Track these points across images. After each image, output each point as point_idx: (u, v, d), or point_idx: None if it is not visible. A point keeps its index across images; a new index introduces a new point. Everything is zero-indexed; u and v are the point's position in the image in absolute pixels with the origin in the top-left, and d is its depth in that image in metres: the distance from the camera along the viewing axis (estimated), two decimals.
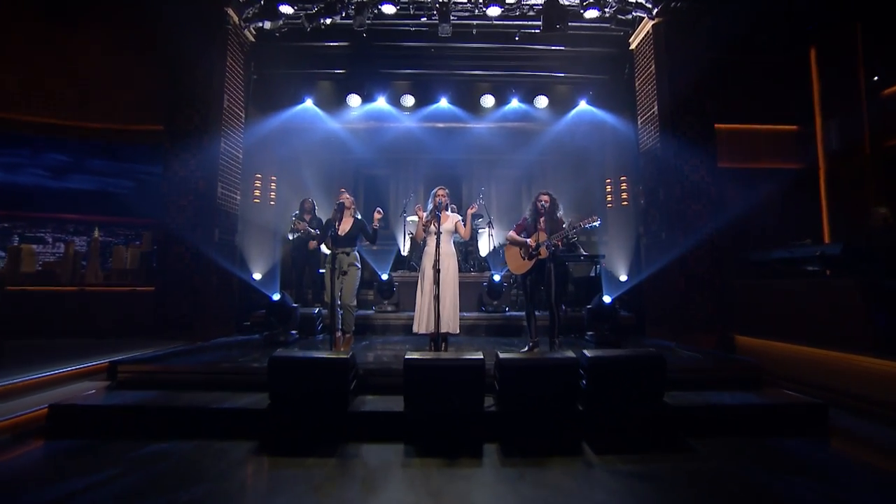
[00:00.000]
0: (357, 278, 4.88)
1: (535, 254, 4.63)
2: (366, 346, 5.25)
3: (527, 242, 4.66)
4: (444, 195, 4.75)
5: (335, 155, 9.26)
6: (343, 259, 4.79)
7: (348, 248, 4.83)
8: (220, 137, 5.83)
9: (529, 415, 3.47)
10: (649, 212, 6.34)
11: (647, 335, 6.12)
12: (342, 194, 5.02)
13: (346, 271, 4.81)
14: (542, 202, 4.70)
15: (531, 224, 4.76)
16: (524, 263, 4.69)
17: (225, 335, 5.83)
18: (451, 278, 4.61)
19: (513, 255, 4.79)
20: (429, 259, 4.63)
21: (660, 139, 6.05)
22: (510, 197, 9.61)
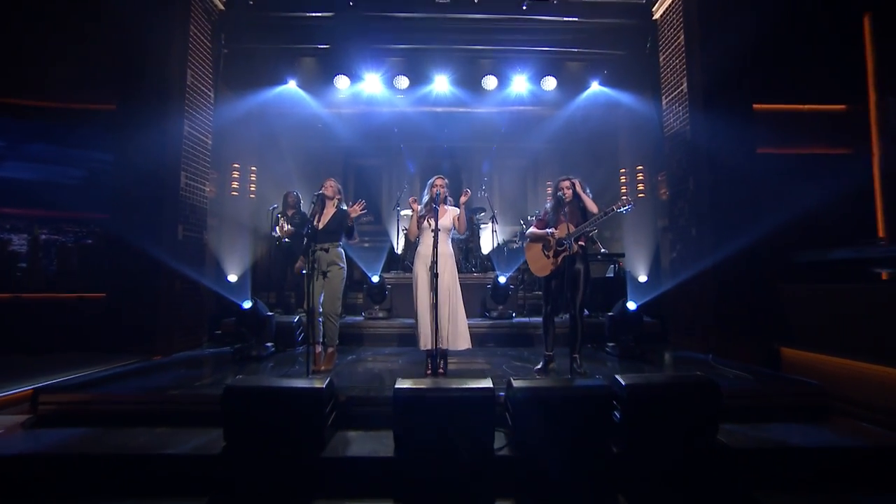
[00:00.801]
0: (341, 280, 4.21)
1: (561, 250, 3.96)
2: (352, 362, 4.58)
3: (548, 235, 3.99)
4: (442, 185, 4.08)
5: (322, 142, 8.54)
6: (322, 257, 4.13)
7: (328, 244, 4.16)
8: (182, 119, 5.11)
9: (551, 460, 2.81)
10: (676, 204, 5.66)
11: (674, 345, 5.46)
12: (326, 182, 4.32)
13: (327, 272, 4.13)
14: (562, 189, 4.03)
15: (553, 216, 4.11)
16: (549, 262, 4.03)
17: (191, 347, 5.15)
18: (450, 283, 3.94)
19: (535, 254, 4.13)
20: (423, 261, 3.95)
21: (689, 121, 5.35)
22: (515, 188, 8.93)
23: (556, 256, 4.01)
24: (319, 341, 4.21)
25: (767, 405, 3.33)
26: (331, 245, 4.20)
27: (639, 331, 4.84)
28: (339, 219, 4.26)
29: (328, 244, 4.18)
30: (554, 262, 4.01)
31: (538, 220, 4.20)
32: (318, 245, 4.15)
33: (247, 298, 4.72)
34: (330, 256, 4.17)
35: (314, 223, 4.18)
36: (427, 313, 3.86)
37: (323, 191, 4.26)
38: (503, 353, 5.13)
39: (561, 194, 4.05)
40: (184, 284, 5.05)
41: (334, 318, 4.21)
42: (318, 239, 4.16)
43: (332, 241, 4.22)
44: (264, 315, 4.81)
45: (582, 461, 2.82)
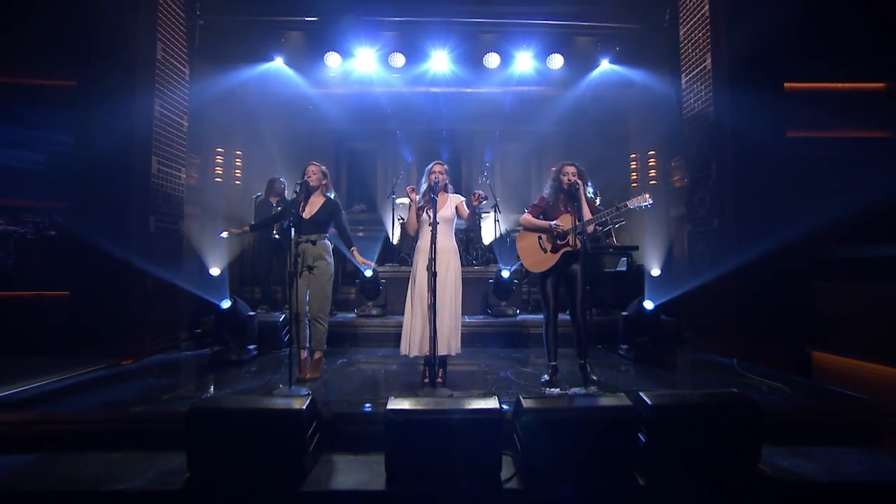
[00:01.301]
0: (330, 277, 3.83)
1: (562, 245, 3.55)
2: (341, 367, 4.21)
3: (552, 226, 3.58)
4: (441, 172, 3.66)
5: (312, 125, 8.05)
6: (308, 250, 3.74)
7: (314, 235, 3.76)
8: (152, 98, 4.64)
9: (567, 492, 2.45)
10: (696, 193, 5.24)
11: (692, 345, 5.10)
12: (308, 168, 3.89)
13: (314, 267, 3.73)
14: (567, 175, 3.63)
15: (553, 204, 3.70)
16: (546, 258, 3.63)
17: (166, 350, 4.76)
18: (451, 283, 3.55)
19: (530, 247, 3.72)
20: (422, 257, 3.57)
21: (713, 101, 4.91)
22: (519, 174, 8.47)
23: (555, 252, 3.61)
24: (305, 346, 3.83)
25: (809, 423, 2.96)
26: (318, 237, 3.79)
27: (656, 332, 4.46)
28: (329, 210, 3.85)
29: (315, 235, 3.78)
30: (552, 257, 3.60)
31: (534, 206, 3.80)
32: (303, 237, 3.74)
33: (225, 297, 4.31)
34: (317, 250, 3.77)
35: (299, 212, 3.77)
36: (419, 315, 3.49)
37: (306, 178, 3.82)
38: (507, 355, 4.76)
39: (566, 179, 3.63)
40: (157, 281, 4.64)
41: (323, 321, 3.83)
42: (304, 230, 3.76)
43: (320, 231, 3.82)
44: (245, 315, 4.42)
45: (604, 494, 2.46)
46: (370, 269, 5.59)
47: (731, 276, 4.62)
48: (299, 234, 3.74)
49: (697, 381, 3.68)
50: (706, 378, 3.82)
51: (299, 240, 3.74)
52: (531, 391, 3.43)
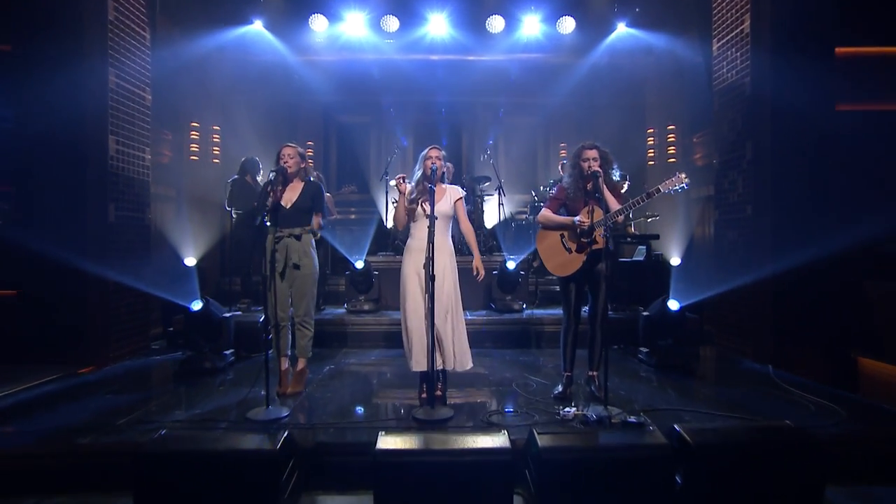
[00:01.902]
0: (314, 275, 3.44)
1: (588, 242, 3.14)
2: (328, 377, 3.83)
3: (574, 223, 3.15)
4: (438, 157, 3.21)
5: (297, 97, 7.50)
6: (292, 246, 3.33)
7: (298, 229, 3.35)
8: (106, 67, 4.12)
9: None
10: (726, 175, 4.78)
11: (719, 345, 4.74)
12: (283, 151, 3.42)
13: (299, 265, 3.32)
14: (587, 160, 3.18)
15: (574, 195, 3.26)
16: (572, 259, 3.22)
17: (133, 354, 4.39)
18: (451, 287, 3.15)
19: (552, 247, 3.31)
20: (415, 258, 3.14)
21: (750, 70, 4.39)
22: (525, 151, 7.97)
23: (581, 251, 3.20)
24: (287, 354, 3.45)
25: (871, 454, 2.60)
26: (301, 230, 3.37)
27: (680, 334, 4.08)
28: (311, 194, 3.42)
29: (298, 229, 3.36)
30: (578, 258, 3.20)
31: (552, 198, 3.36)
32: (284, 230, 3.31)
33: (196, 297, 3.90)
34: (302, 245, 3.36)
35: (278, 201, 3.32)
36: (422, 325, 3.07)
37: (283, 163, 3.36)
38: (513, 358, 4.39)
39: (587, 165, 3.17)
40: (119, 278, 4.22)
41: (309, 325, 3.45)
42: (284, 222, 3.32)
43: (303, 223, 3.39)
44: (219, 317, 4.02)
45: None
46: (361, 260, 5.18)
47: (766, 271, 4.21)
48: (279, 228, 3.32)
49: (731, 396, 3.31)
50: (740, 391, 3.45)
51: (279, 234, 3.31)
52: (543, 409, 3.06)
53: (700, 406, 3.12)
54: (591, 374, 3.36)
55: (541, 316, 4.98)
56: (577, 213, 3.22)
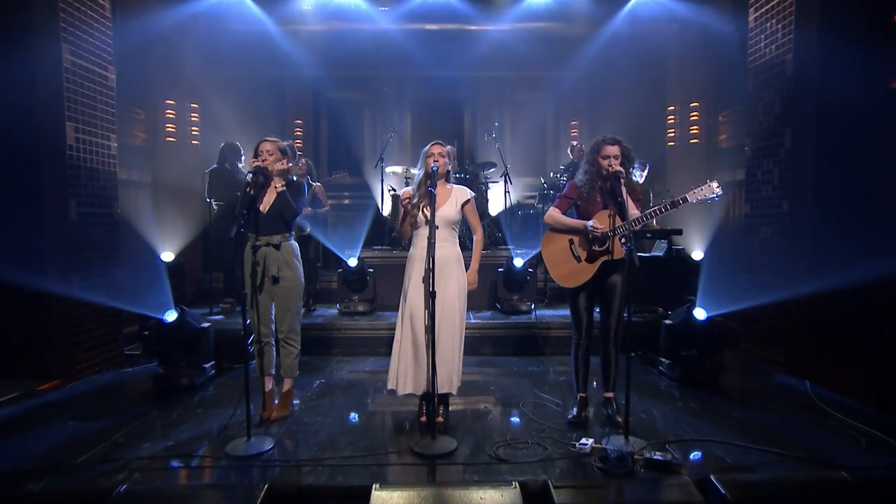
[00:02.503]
0: (298, 288, 3.17)
1: (601, 250, 2.85)
2: (318, 395, 3.58)
3: (587, 228, 2.84)
4: (441, 154, 2.89)
5: (283, 71, 7.06)
6: (271, 256, 3.05)
7: (278, 237, 3.06)
8: (59, 43, 3.72)
9: None
10: (759, 164, 4.42)
11: (746, 353, 4.47)
12: (261, 146, 3.09)
13: (280, 277, 3.03)
14: (608, 157, 2.88)
15: (588, 195, 2.96)
16: (581, 269, 2.94)
17: (103, 366, 4.12)
18: (454, 302, 2.88)
19: (558, 253, 3.03)
20: (416, 268, 2.89)
21: (793, 46, 3.98)
22: (533, 132, 7.58)
23: (592, 260, 2.90)
24: (271, 373, 3.20)
25: None
26: (282, 238, 3.08)
27: (706, 345, 3.81)
28: (295, 190, 3.12)
29: (278, 237, 3.07)
30: (589, 268, 2.90)
31: (562, 197, 3.06)
32: (262, 238, 3.03)
33: (170, 308, 3.61)
34: (282, 255, 3.08)
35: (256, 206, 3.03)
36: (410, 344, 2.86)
37: (261, 162, 3.02)
38: (521, 368, 4.15)
39: (607, 163, 2.87)
40: (86, 282, 3.93)
41: (295, 342, 3.20)
42: (263, 229, 3.04)
43: (284, 230, 3.10)
44: (197, 328, 3.74)
45: None
46: (354, 258, 4.88)
47: (802, 273, 3.91)
48: (257, 236, 3.03)
49: (766, 421, 3.05)
50: (776, 414, 3.18)
51: (257, 243, 3.03)
52: (556, 439, 2.80)
53: (732, 434, 2.86)
54: (607, 397, 3.11)
55: (549, 320, 4.70)
56: (589, 216, 2.93)
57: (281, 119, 7.29)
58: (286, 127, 7.27)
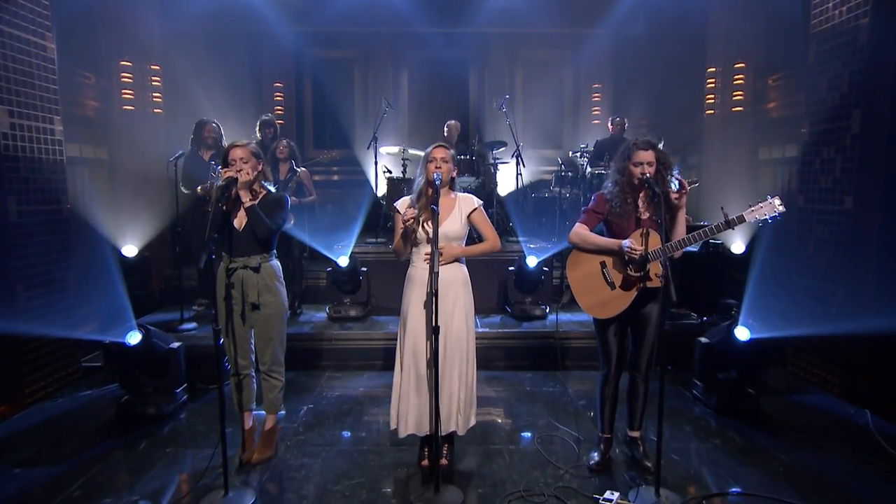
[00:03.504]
0: (282, 315, 3.01)
1: (639, 275, 2.70)
2: (305, 426, 3.44)
3: (623, 248, 2.64)
4: (444, 160, 2.71)
5: (261, 26, 6.65)
6: (249, 281, 2.88)
7: (257, 258, 2.89)
8: None
9: None
10: (818, 151, 4.12)
11: (793, 369, 4.30)
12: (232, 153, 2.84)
13: (260, 304, 2.88)
14: (640, 164, 2.67)
15: (620, 209, 2.75)
16: (615, 297, 2.79)
17: (56, 385, 3.97)
18: (463, 332, 2.75)
19: (588, 278, 2.85)
20: (416, 291, 2.75)
21: (870, 9, 3.62)
22: (548, 99, 7.22)
23: (628, 287, 2.70)
24: (251, 409, 3.06)
25: None
26: (262, 258, 2.89)
27: (748, 368, 3.65)
28: (270, 209, 2.89)
29: (257, 258, 2.88)
30: (625, 297, 2.73)
31: (589, 211, 2.85)
32: (238, 259, 2.86)
33: (132, 328, 3.43)
34: (262, 278, 2.89)
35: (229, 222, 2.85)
36: (421, 378, 2.72)
37: (234, 173, 2.78)
38: (534, 387, 4.03)
39: (641, 173, 2.66)
40: (31, 291, 3.74)
41: (278, 375, 3.06)
42: (238, 249, 2.86)
43: (264, 250, 2.90)
44: (164, 350, 3.57)
45: None
46: (345, 256, 4.67)
47: (865, 282, 3.70)
48: (231, 257, 2.86)
49: (822, 467, 2.87)
50: (833, 457, 3.00)
51: (232, 264, 2.85)
52: (576, 490, 2.69)
53: (780, 485, 2.73)
54: (632, 436, 3.01)
55: (567, 328, 4.53)
56: (623, 234, 2.72)
57: (258, 82, 6.92)
58: (264, 92, 6.92)
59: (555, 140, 6.97)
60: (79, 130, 4.91)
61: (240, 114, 6.40)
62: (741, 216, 2.55)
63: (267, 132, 5.24)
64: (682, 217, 2.71)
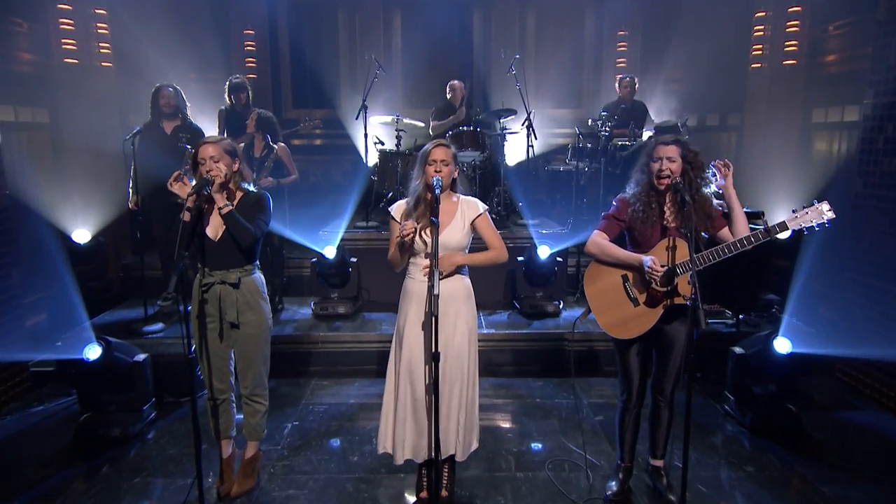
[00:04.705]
0: (265, 333, 3.00)
1: (664, 292, 2.68)
2: (290, 448, 3.49)
3: (646, 266, 2.63)
4: (445, 163, 2.66)
5: None
6: (228, 297, 2.86)
7: (236, 272, 2.86)
8: None
9: None
10: (884, 128, 4.02)
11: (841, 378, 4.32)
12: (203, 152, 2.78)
13: (239, 323, 2.88)
14: (661, 160, 2.66)
15: (643, 214, 2.72)
16: (639, 314, 2.78)
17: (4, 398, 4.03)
18: (465, 350, 2.78)
19: (608, 292, 2.84)
20: (415, 308, 2.77)
21: None
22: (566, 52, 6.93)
23: (654, 304, 2.70)
24: (231, 436, 3.10)
25: None
26: (242, 272, 2.86)
27: (789, 381, 3.68)
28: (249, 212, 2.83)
29: (237, 271, 2.85)
30: (650, 314, 2.71)
31: (609, 218, 2.82)
32: (214, 273, 2.84)
33: (91, 341, 3.44)
34: (243, 294, 2.87)
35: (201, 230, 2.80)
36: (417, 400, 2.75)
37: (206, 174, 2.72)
38: (545, 397, 4.10)
39: (666, 174, 2.64)
40: None
41: (261, 398, 3.07)
42: (213, 261, 2.84)
43: (245, 262, 2.87)
44: (128, 363, 3.59)
45: None
46: (332, 247, 4.65)
47: None
48: (207, 270, 2.83)
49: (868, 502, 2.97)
50: (885, 489, 3.05)
51: (208, 279, 2.83)
52: None
53: None
54: (655, 465, 3.06)
55: (584, 328, 4.52)
56: (646, 244, 2.72)
57: (225, 29, 6.69)
58: (233, 42, 6.72)
59: (572, 99, 6.80)
60: (12, 90, 4.80)
61: (205, 67, 6.23)
62: (783, 223, 2.52)
63: (240, 97, 5.10)
64: (736, 206, 2.63)
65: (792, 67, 5.90)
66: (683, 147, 2.66)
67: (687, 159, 2.64)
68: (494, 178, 5.71)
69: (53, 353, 3.82)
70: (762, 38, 6.16)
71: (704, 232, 2.72)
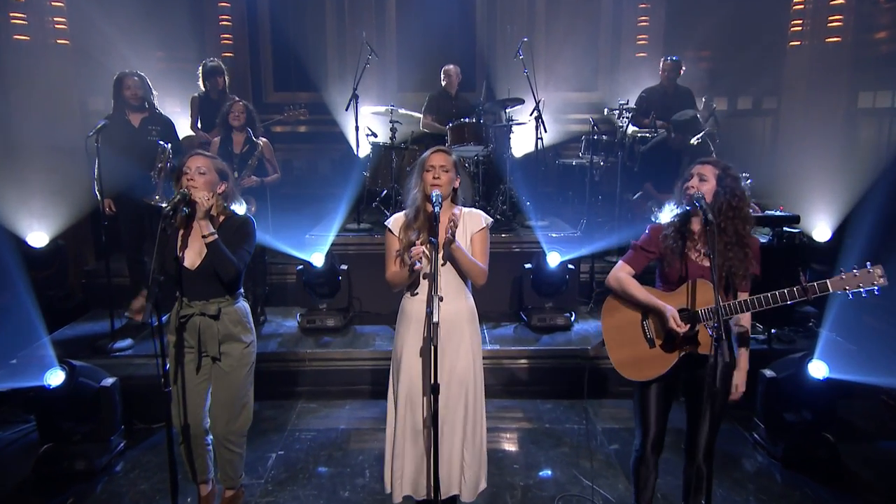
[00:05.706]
0: (249, 366, 3.04)
1: (683, 338, 2.65)
2: (274, 483, 3.52)
3: (668, 315, 2.59)
4: (445, 169, 2.72)
5: None
6: (208, 330, 2.89)
7: (218, 301, 2.90)
8: None
9: None
10: None
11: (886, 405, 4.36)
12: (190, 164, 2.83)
13: (220, 357, 2.92)
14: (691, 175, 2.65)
15: (674, 247, 2.68)
16: (655, 357, 2.77)
17: None
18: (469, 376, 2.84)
19: (624, 330, 2.84)
20: (414, 332, 2.83)
21: None
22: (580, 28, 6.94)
23: (671, 349, 2.70)
24: (209, 478, 3.14)
25: None
26: (223, 303, 2.89)
27: (826, 408, 3.73)
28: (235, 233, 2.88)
29: (218, 301, 2.88)
30: (668, 358, 2.72)
31: (638, 249, 2.80)
32: (194, 303, 2.86)
33: (51, 363, 3.49)
34: (224, 326, 2.90)
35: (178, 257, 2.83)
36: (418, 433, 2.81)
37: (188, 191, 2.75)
38: (556, 424, 4.15)
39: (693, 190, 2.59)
40: None
41: (237, 445, 3.09)
42: (192, 291, 2.86)
43: (226, 292, 2.90)
44: (95, 389, 3.64)
45: None
46: (321, 253, 4.70)
47: None
48: (185, 300, 2.86)
49: None
50: None
51: (186, 311, 2.85)
52: None
53: None
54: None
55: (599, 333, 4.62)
56: (667, 280, 2.73)
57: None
58: (207, 16, 6.69)
59: (587, 81, 6.80)
60: None
61: (174, 44, 6.22)
62: (824, 284, 2.41)
63: (216, 82, 5.11)
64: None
65: (836, 45, 5.93)
66: (721, 167, 2.60)
67: (724, 183, 2.56)
68: (499, 174, 5.73)
69: (8, 373, 3.86)
70: (802, 11, 6.22)
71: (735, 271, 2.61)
